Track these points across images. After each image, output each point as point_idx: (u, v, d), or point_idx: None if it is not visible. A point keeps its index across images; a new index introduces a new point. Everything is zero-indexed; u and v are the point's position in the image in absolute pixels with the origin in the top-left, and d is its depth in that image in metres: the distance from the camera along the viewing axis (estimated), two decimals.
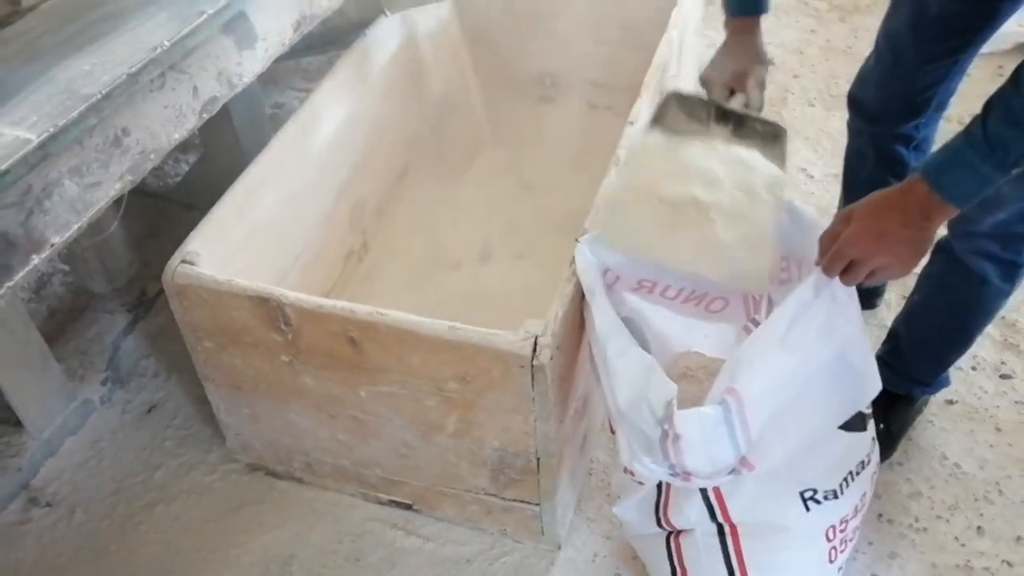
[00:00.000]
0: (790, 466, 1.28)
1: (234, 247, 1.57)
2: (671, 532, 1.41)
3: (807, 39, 2.87)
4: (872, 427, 1.38)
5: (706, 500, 1.32)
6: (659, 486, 1.38)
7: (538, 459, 1.43)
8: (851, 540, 1.41)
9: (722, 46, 1.43)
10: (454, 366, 1.35)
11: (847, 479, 1.33)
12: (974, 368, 1.86)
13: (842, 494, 1.33)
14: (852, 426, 1.32)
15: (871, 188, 1.18)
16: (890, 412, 1.66)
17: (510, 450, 1.44)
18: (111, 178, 1.32)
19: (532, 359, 1.28)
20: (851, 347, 1.24)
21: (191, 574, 1.62)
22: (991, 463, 1.70)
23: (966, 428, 1.76)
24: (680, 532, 1.40)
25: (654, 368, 1.23)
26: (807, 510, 1.31)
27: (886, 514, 1.63)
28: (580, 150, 2.25)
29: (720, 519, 1.33)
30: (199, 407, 1.85)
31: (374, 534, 1.65)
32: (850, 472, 1.33)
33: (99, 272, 1.98)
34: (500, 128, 2.40)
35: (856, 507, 1.37)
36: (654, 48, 1.85)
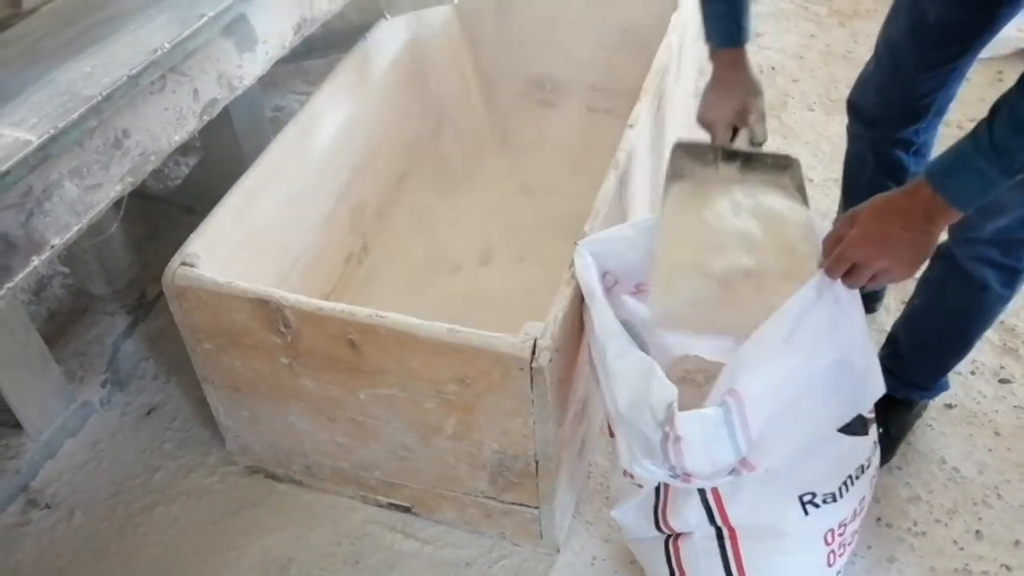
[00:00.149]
0: (789, 469, 1.28)
1: (234, 249, 1.57)
2: (670, 535, 1.41)
3: (807, 44, 2.87)
4: (874, 431, 1.37)
5: (705, 503, 1.32)
6: (657, 489, 1.38)
7: (537, 462, 1.43)
8: (850, 544, 1.41)
9: (713, 83, 1.41)
10: (453, 368, 1.35)
11: (847, 483, 1.33)
12: (973, 372, 1.86)
13: (841, 498, 1.32)
14: (854, 430, 1.32)
15: (871, 193, 1.18)
16: (889, 416, 1.66)
17: (509, 453, 1.44)
18: (111, 180, 1.32)
19: (531, 361, 1.28)
20: (853, 349, 1.24)
21: None
22: (990, 467, 1.70)
23: (965, 432, 1.76)
24: (679, 535, 1.40)
25: (654, 370, 1.23)
26: (806, 514, 1.31)
27: (885, 518, 1.63)
28: (580, 153, 2.25)
29: (719, 522, 1.33)
30: (198, 409, 1.85)
31: (373, 537, 1.65)
32: (850, 476, 1.33)
33: (99, 274, 1.98)
34: (500, 131, 2.41)
35: (855, 511, 1.37)
36: (654, 52, 1.85)
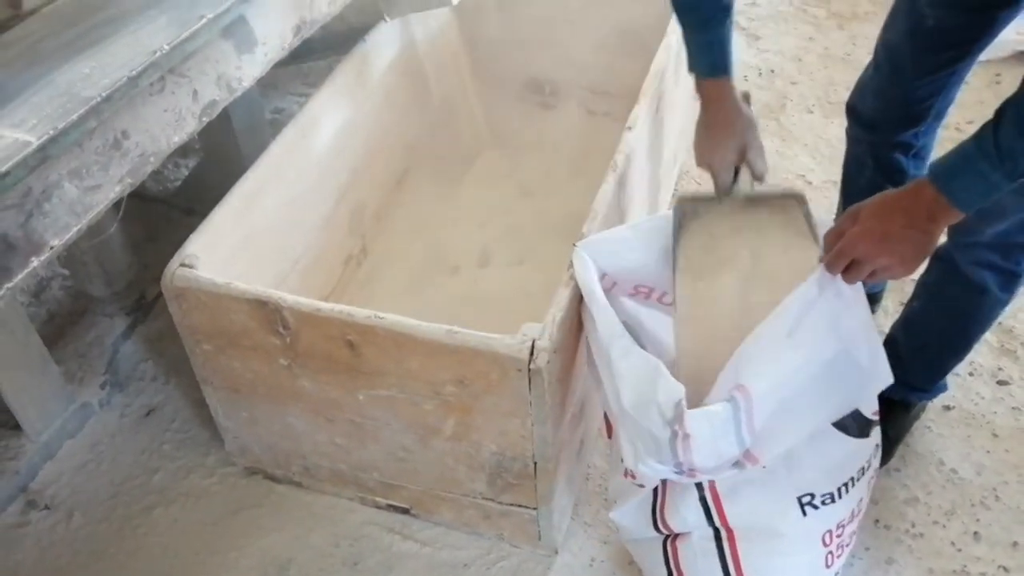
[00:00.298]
0: (788, 470, 1.29)
1: (233, 251, 1.57)
2: (668, 536, 1.41)
3: (806, 46, 2.87)
4: (877, 434, 1.37)
5: (703, 503, 1.32)
6: (655, 490, 1.38)
7: (535, 463, 1.43)
8: (848, 545, 1.41)
9: (704, 121, 1.38)
10: (452, 370, 1.35)
11: (847, 484, 1.32)
12: (971, 374, 1.86)
13: (839, 499, 1.32)
14: (856, 432, 1.32)
15: (869, 195, 1.18)
16: (887, 418, 1.65)
17: (507, 454, 1.44)
18: (111, 181, 1.32)
19: (529, 363, 1.28)
20: (857, 342, 1.24)
21: None
22: (988, 469, 1.70)
23: (963, 434, 1.76)
24: (677, 536, 1.40)
25: (660, 370, 1.24)
26: (804, 515, 1.31)
27: (883, 520, 1.63)
28: (579, 155, 2.26)
29: (717, 523, 1.33)
30: (197, 411, 1.85)
31: (372, 538, 1.65)
32: (851, 478, 1.33)
33: (98, 276, 1.98)
34: (499, 133, 2.41)
35: (853, 512, 1.37)
36: (652, 54, 1.85)
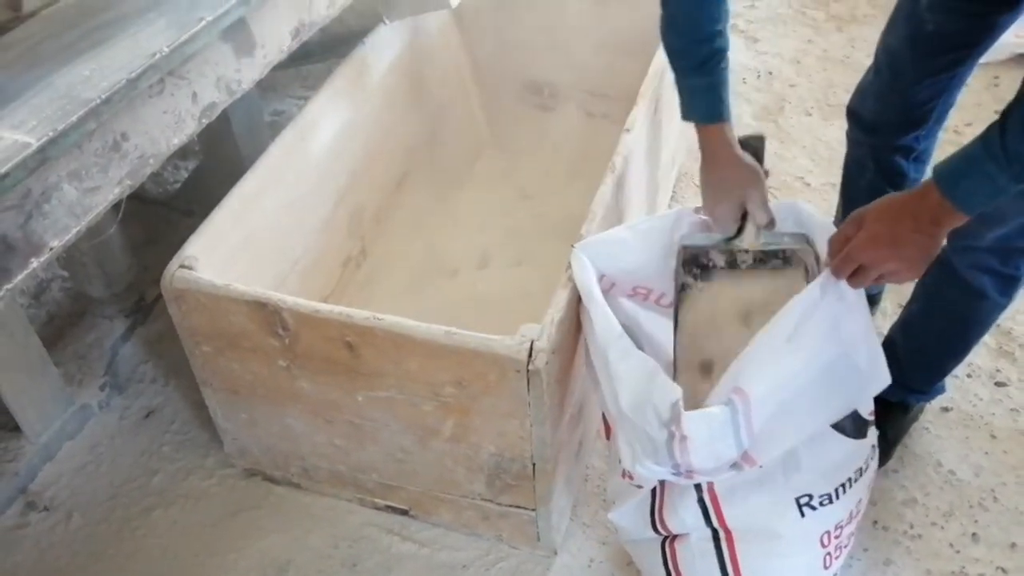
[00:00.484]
0: (786, 471, 1.29)
1: (232, 252, 1.57)
2: (666, 537, 1.42)
3: (804, 49, 2.88)
4: (873, 435, 1.38)
5: (702, 504, 1.32)
6: (654, 491, 1.38)
7: (534, 464, 1.43)
8: (846, 546, 1.41)
9: (707, 171, 1.37)
10: (450, 371, 1.36)
11: (844, 485, 1.33)
12: (969, 376, 1.86)
13: (837, 500, 1.32)
14: (853, 432, 1.32)
15: (870, 198, 1.18)
16: (886, 419, 1.66)
17: (506, 455, 1.44)
18: (110, 182, 1.32)
19: (528, 364, 1.29)
20: (857, 346, 1.25)
21: None
22: (986, 470, 1.70)
23: (961, 435, 1.76)
24: (675, 537, 1.40)
25: (657, 371, 1.24)
26: (802, 516, 1.31)
27: (881, 521, 1.63)
28: (577, 158, 2.26)
29: (715, 524, 1.34)
30: (197, 412, 1.85)
31: (370, 539, 1.65)
32: (848, 479, 1.33)
33: (98, 278, 1.98)
34: (498, 135, 2.42)
35: (851, 513, 1.37)
36: (650, 57, 1.86)
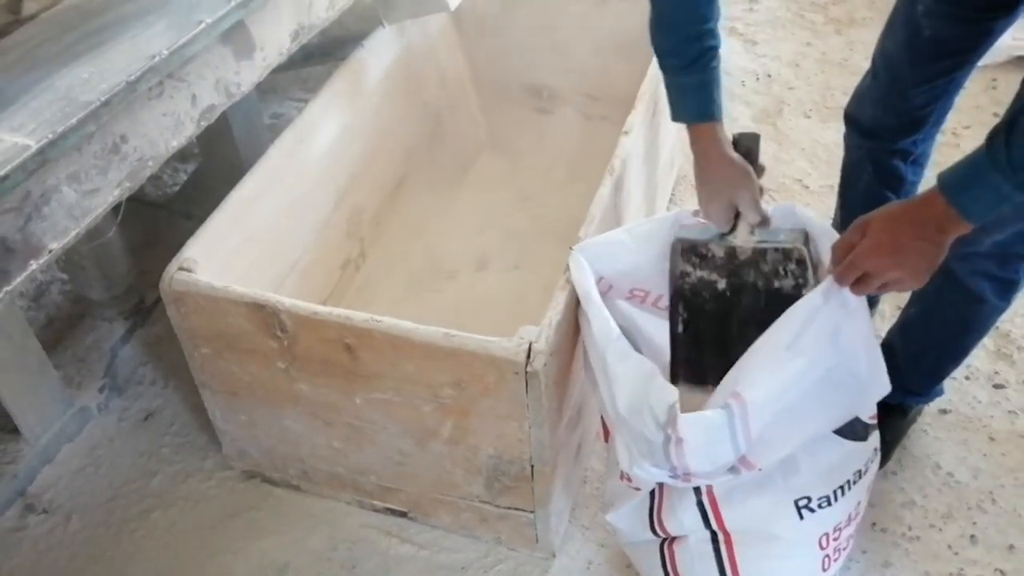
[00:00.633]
0: (785, 474, 1.29)
1: (231, 254, 1.57)
2: (665, 539, 1.42)
3: (803, 51, 2.88)
4: (875, 438, 1.38)
5: (700, 507, 1.32)
6: (652, 493, 1.38)
7: (532, 466, 1.43)
8: (845, 548, 1.41)
9: (700, 171, 1.36)
10: (449, 373, 1.36)
11: (843, 487, 1.33)
12: (968, 378, 1.86)
13: (836, 502, 1.33)
14: (854, 435, 1.32)
15: (868, 201, 1.18)
16: (884, 422, 1.64)
17: (504, 457, 1.44)
18: (109, 185, 1.32)
19: (526, 365, 1.29)
20: (858, 354, 1.25)
21: None
22: (984, 472, 1.71)
23: (959, 437, 1.76)
24: (674, 539, 1.40)
25: (655, 374, 1.24)
26: (801, 518, 1.31)
27: (879, 523, 1.63)
28: (576, 160, 2.26)
29: (714, 526, 1.34)
30: (196, 414, 1.86)
31: (369, 541, 1.65)
32: (847, 481, 1.33)
33: (97, 280, 1.98)
34: (497, 138, 2.42)
35: (850, 515, 1.37)
36: (649, 60, 1.85)
